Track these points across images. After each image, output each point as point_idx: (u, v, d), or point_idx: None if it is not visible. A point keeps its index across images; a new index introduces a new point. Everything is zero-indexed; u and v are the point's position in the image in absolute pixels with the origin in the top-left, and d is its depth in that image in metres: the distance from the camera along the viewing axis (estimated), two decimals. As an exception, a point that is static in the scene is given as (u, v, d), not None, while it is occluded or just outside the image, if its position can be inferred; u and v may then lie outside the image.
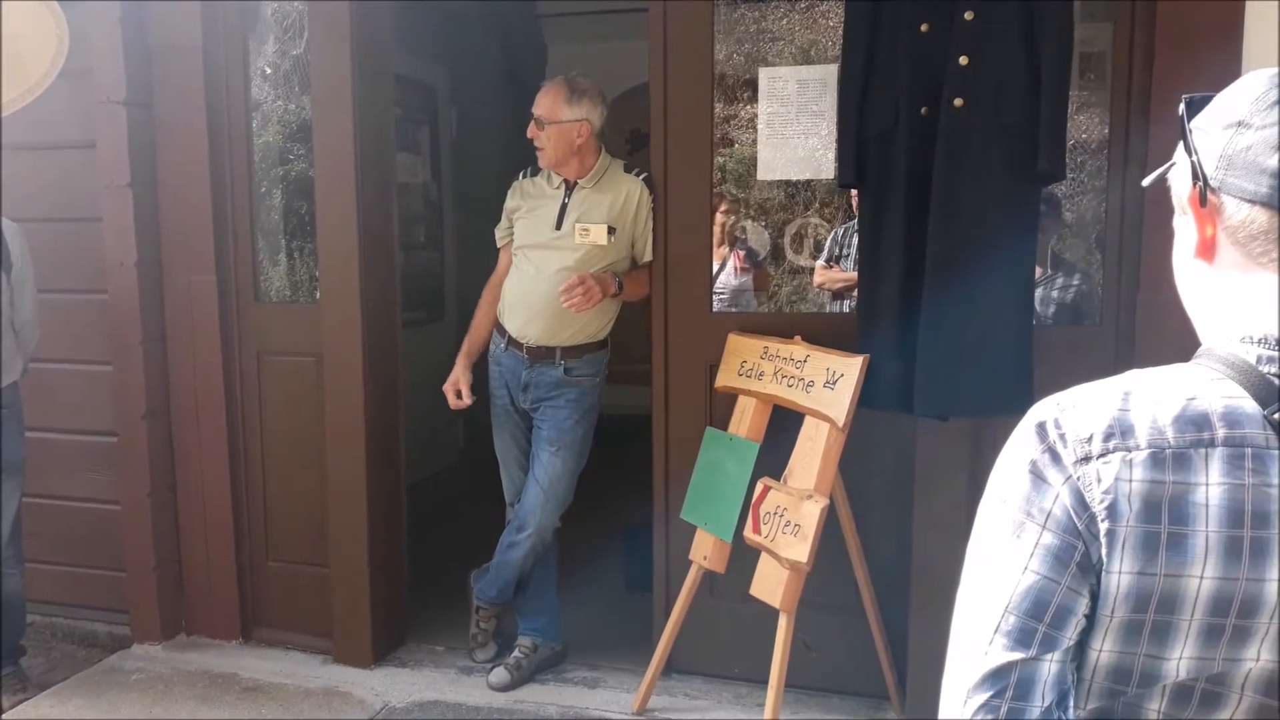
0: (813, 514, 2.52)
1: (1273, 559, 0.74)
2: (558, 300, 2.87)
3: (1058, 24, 2.37)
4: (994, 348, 2.47)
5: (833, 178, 2.89)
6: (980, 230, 2.43)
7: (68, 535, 3.54)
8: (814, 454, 2.59)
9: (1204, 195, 0.81)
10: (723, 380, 2.89)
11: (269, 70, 3.74)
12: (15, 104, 2.80)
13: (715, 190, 3.16)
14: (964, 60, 2.41)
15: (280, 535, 3.43)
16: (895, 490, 2.82)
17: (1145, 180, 0.93)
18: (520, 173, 3.15)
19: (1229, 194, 0.80)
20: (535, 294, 2.98)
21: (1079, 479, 0.78)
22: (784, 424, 2.74)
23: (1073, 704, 0.79)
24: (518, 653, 3.16)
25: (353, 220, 3.14)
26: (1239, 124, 0.80)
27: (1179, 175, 0.87)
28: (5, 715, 2.97)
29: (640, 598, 3.26)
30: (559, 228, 2.98)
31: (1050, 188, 2.81)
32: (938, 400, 2.51)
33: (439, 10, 4.62)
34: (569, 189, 3.01)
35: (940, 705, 0.83)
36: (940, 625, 0.90)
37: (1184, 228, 0.87)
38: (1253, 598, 0.74)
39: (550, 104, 2.94)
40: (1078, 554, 0.78)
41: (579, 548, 3.52)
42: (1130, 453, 0.77)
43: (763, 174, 3.12)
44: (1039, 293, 2.97)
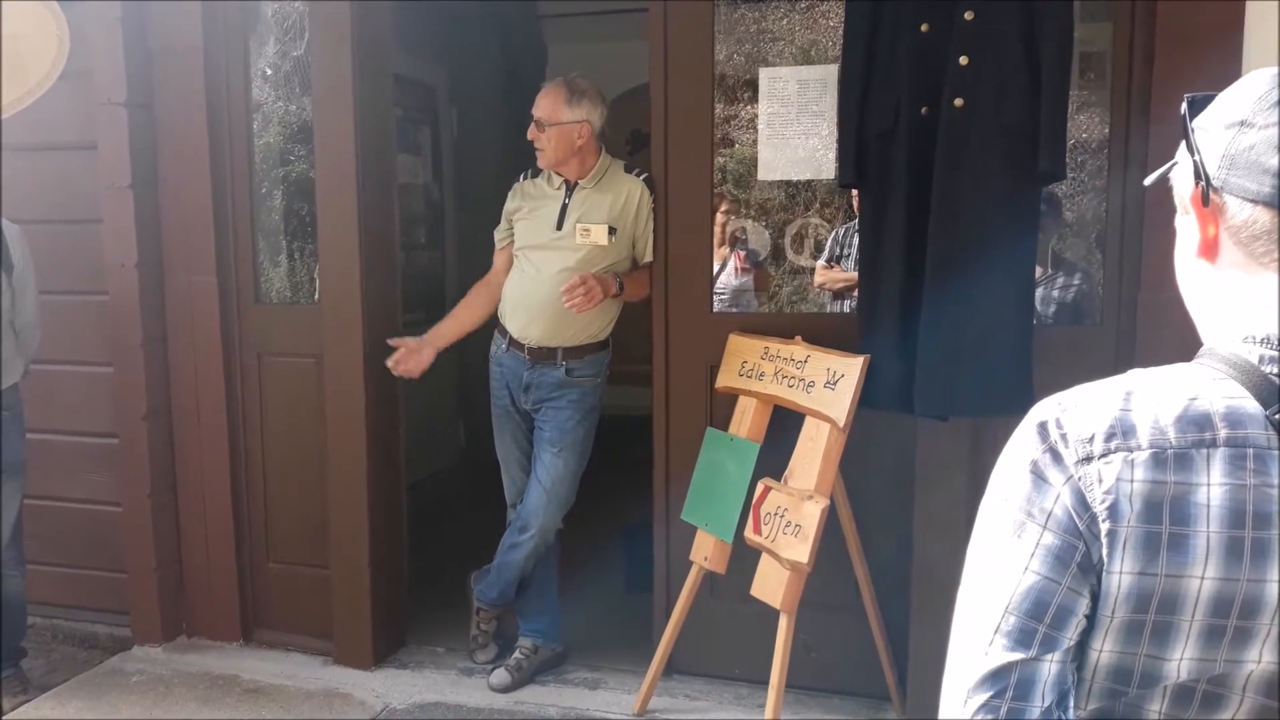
0: (813, 514, 2.52)
1: (1274, 560, 0.73)
2: (559, 301, 2.87)
3: (1058, 24, 2.37)
4: (994, 347, 2.46)
5: (833, 178, 2.89)
6: (980, 230, 2.43)
7: (68, 537, 3.54)
8: (814, 454, 2.59)
9: (1206, 195, 0.81)
10: (723, 381, 2.89)
11: (269, 71, 3.74)
12: (16, 105, 2.79)
13: (716, 190, 3.16)
14: (964, 60, 2.41)
15: (281, 536, 3.43)
16: (895, 490, 2.82)
17: (1147, 179, 0.93)
18: (521, 174, 3.15)
19: (1231, 194, 0.80)
20: (536, 295, 2.98)
21: (1080, 479, 0.78)
22: (784, 424, 2.74)
23: (1073, 704, 0.79)
24: (518, 654, 3.16)
25: (353, 221, 3.14)
26: (1241, 123, 0.79)
27: (1181, 175, 0.87)
28: (6, 717, 2.97)
29: (641, 598, 3.26)
30: (560, 228, 2.98)
31: (1050, 187, 2.81)
32: (938, 400, 2.51)
33: (439, 10, 4.62)
34: (569, 189, 3.01)
35: (940, 705, 0.83)
36: (941, 625, 0.90)
37: (1186, 227, 0.87)
38: (1254, 599, 0.74)
39: (550, 105, 2.94)
40: (1078, 554, 0.77)
41: (580, 548, 3.52)
42: (1132, 453, 0.76)
43: (763, 174, 3.12)
44: (1039, 292, 2.97)
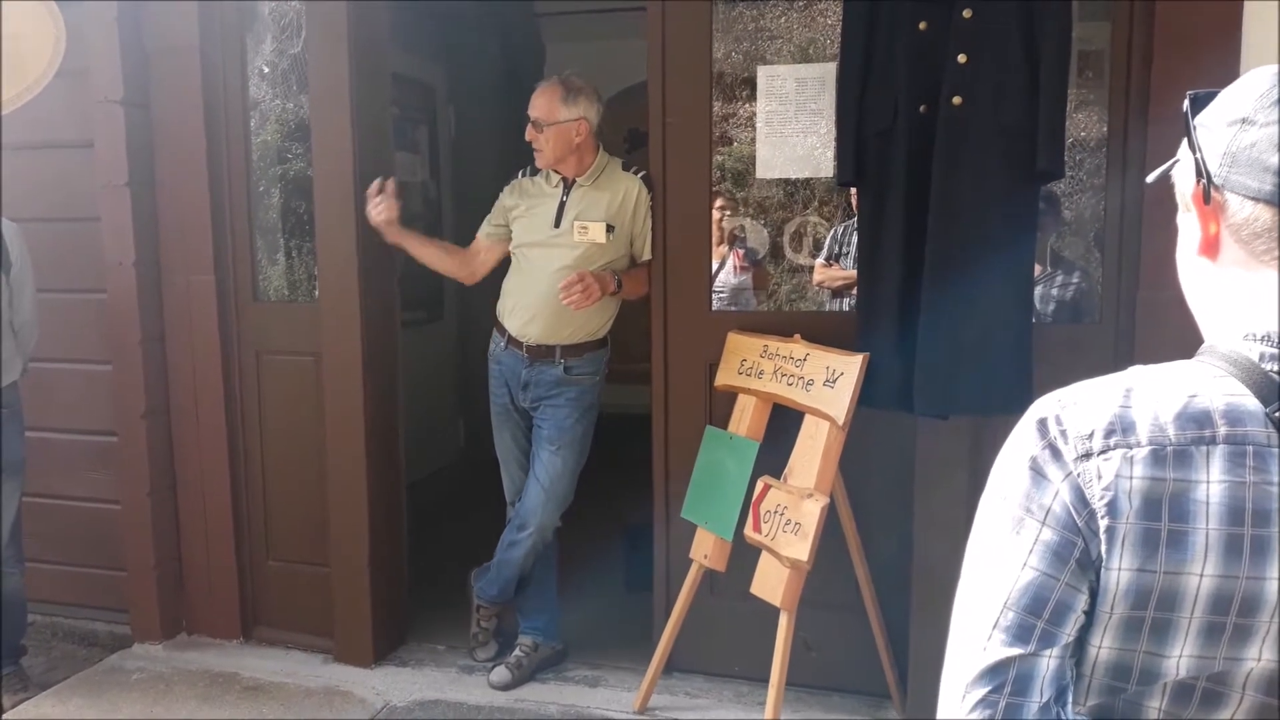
0: (813, 512, 2.52)
1: (1273, 557, 0.73)
2: (557, 298, 2.87)
3: (1057, 22, 2.37)
4: (993, 346, 2.47)
5: (832, 176, 2.89)
6: (979, 228, 2.43)
7: (68, 535, 3.54)
8: (814, 452, 2.59)
9: (1207, 192, 0.81)
10: (722, 379, 2.89)
11: (266, 69, 3.73)
12: (13, 103, 2.79)
13: (714, 189, 3.15)
14: (963, 58, 2.41)
15: (280, 534, 3.43)
16: (895, 489, 2.82)
17: (1150, 177, 0.93)
18: (520, 171, 3.14)
19: (1232, 191, 0.80)
20: (535, 293, 2.98)
21: (1079, 475, 0.78)
22: (784, 422, 2.74)
23: (1072, 700, 0.79)
24: (518, 651, 3.16)
25: (351, 219, 3.14)
26: (1243, 121, 0.79)
27: (1183, 172, 0.87)
28: (6, 715, 2.97)
29: (641, 596, 3.26)
30: (558, 226, 2.98)
31: (1049, 186, 2.81)
32: (937, 399, 2.51)
33: (437, 9, 4.61)
34: (567, 187, 3.01)
35: (939, 701, 0.83)
36: (941, 623, 0.90)
37: (1187, 225, 0.87)
38: (1253, 596, 0.74)
39: (547, 105, 2.94)
40: (1077, 550, 0.78)
41: (579, 546, 3.52)
42: (1131, 449, 0.77)
43: (762, 172, 3.12)
44: (1038, 291, 2.97)
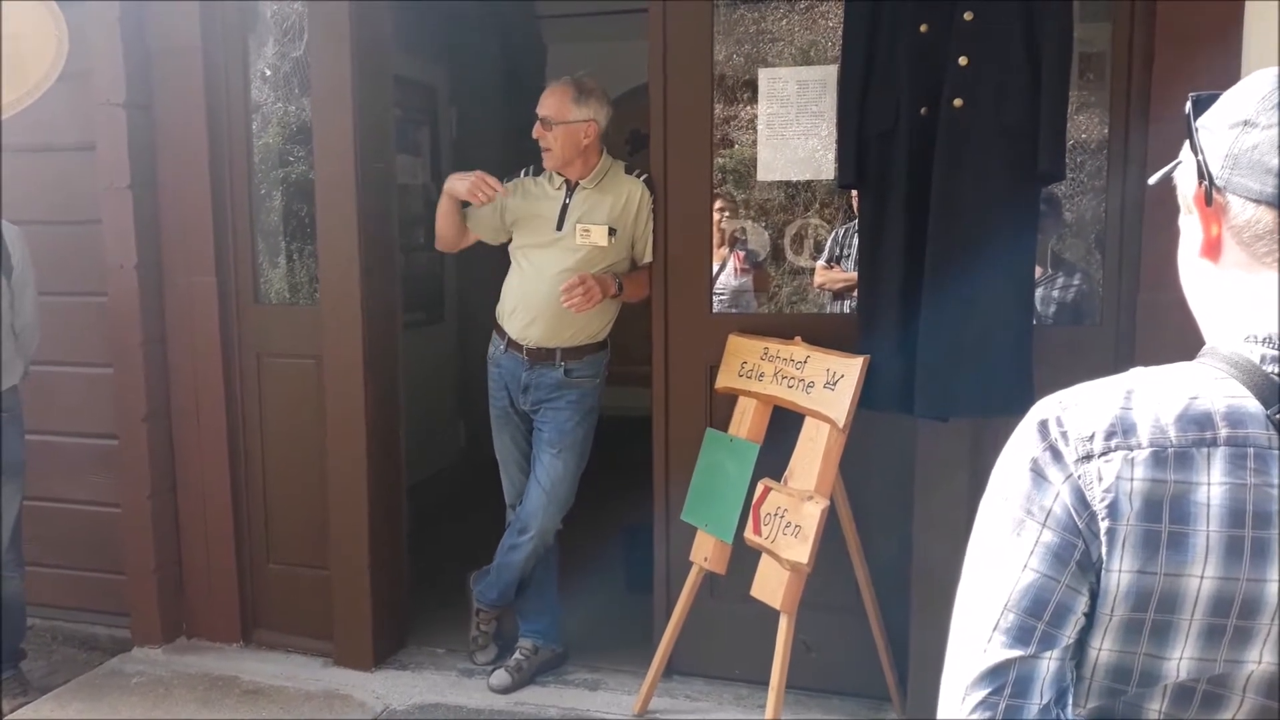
0: (813, 515, 2.52)
1: (1274, 560, 0.73)
2: (558, 301, 2.87)
3: (1057, 24, 2.37)
4: (994, 348, 2.46)
5: (833, 178, 2.89)
6: (980, 230, 2.43)
7: (68, 538, 3.54)
8: (814, 455, 2.59)
9: (1209, 194, 0.81)
10: (723, 381, 2.89)
11: (269, 72, 3.74)
12: (15, 106, 2.79)
13: (715, 191, 3.15)
14: (963, 60, 2.41)
15: (281, 537, 3.43)
16: (895, 490, 2.82)
17: (1152, 179, 0.93)
18: (523, 170, 3.13)
19: (1234, 193, 0.80)
20: (536, 295, 2.98)
21: (1080, 477, 0.78)
22: (784, 425, 2.74)
23: (1072, 702, 0.79)
24: (518, 655, 3.16)
25: (353, 222, 3.14)
26: (1245, 123, 0.79)
27: (1185, 174, 0.86)
28: (6, 718, 2.97)
29: (641, 599, 3.25)
30: (560, 228, 2.98)
31: (1050, 187, 2.81)
32: (938, 401, 2.51)
33: (438, 11, 4.61)
34: (570, 189, 3.01)
35: (939, 702, 0.83)
36: (941, 625, 0.90)
37: (1189, 227, 0.87)
38: (1254, 598, 0.74)
39: (557, 104, 2.94)
40: (1077, 552, 0.77)
41: (579, 549, 3.52)
42: (1132, 451, 0.76)
43: (763, 175, 3.12)
44: (1039, 292, 2.97)
